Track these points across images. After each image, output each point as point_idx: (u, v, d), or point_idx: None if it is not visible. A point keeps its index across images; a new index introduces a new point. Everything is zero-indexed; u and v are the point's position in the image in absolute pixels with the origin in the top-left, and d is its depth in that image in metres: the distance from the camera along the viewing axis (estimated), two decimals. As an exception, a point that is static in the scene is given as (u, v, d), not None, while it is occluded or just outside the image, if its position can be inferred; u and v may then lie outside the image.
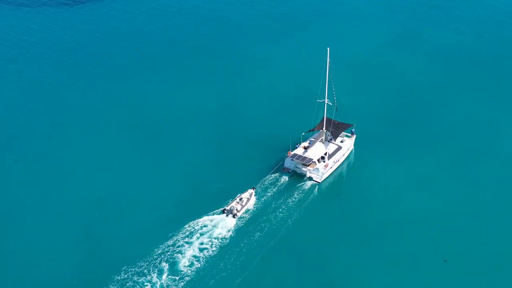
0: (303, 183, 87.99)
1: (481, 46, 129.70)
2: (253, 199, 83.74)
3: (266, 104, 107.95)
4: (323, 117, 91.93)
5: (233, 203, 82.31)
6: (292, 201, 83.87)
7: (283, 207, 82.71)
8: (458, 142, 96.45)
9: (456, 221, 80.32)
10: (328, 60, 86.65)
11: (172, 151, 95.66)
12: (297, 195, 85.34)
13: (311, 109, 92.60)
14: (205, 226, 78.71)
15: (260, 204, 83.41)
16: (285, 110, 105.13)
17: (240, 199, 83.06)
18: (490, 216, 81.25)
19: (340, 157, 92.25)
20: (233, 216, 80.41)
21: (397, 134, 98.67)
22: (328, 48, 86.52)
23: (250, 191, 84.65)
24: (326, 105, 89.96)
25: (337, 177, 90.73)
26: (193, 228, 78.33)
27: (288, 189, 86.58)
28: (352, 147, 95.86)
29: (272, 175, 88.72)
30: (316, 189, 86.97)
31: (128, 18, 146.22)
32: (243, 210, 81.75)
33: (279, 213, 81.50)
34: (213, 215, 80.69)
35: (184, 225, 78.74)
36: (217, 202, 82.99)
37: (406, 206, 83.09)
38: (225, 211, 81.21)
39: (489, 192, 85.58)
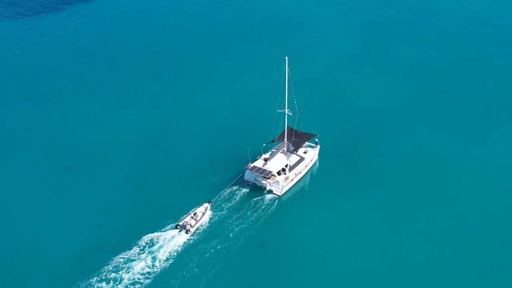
0: (262, 196, 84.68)
1: (445, 66, 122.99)
2: (208, 214, 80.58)
3: (226, 114, 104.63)
4: (286, 127, 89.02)
5: (187, 218, 79.11)
6: (249, 216, 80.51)
7: (239, 222, 79.34)
8: (407, 178, 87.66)
9: (395, 279, 71.17)
10: (287, 69, 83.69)
11: (125, 163, 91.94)
12: (255, 209, 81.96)
13: (275, 120, 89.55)
14: (155, 242, 75.30)
15: (215, 219, 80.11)
16: (246, 120, 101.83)
17: (195, 213, 79.87)
18: (435, 271, 71.77)
19: (303, 168, 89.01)
20: (186, 232, 77.16)
21: (344, 166, 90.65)
22: (286, 57, 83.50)
23: (206, 205, 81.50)
24: (286, 115, 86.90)
25: (296, 193, 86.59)
26: (143, 244, 74.85)
27: (246, 203, 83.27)
28: (316, 157, 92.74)
29: (231, 188, 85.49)
30: (275, 203, 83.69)
31: (58, 40, 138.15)
32: (197, 225, 78.52)
33: (234, 229, 78.03)
34: (165, 230, 77.40)
35: (134, 241, 75.29)
36: (170, 217, 79.65)
37: (339, 258, 73.86)
38: (178, 227, 77.97)
39: (434, 242, 76.20)
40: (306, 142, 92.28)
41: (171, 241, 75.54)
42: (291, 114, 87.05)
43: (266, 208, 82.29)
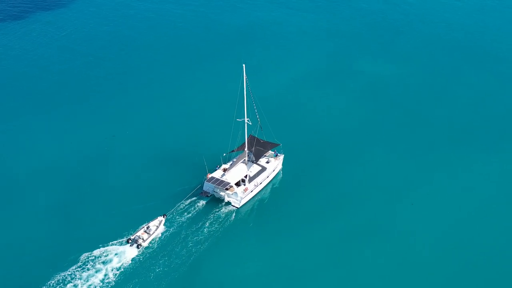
0: (220, 208, 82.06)
1: (413, 84, 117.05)
2: (162, 228, 78.02)
3: (183, 125, 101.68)
4: (249, 136, 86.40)
5: (140, 232, 76.57)
6: (204, 231, 77.75)
7: (194, 236, 76.76)
8: (357, 212, 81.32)
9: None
10: (244, 77, 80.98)
11: (78, 178, 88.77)
12: (211, 223, 79.25)
13: (235, 129, 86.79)
14: (104, 257, 72.62)
15: (170, 232, 77.45)
16: (205, 130, 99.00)
17: (148, 227, 77.31)
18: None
19: (264, 179, 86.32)
20: (137, 247, 74.61)
21: (303, 182, 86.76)
22: (243, 65, 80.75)
23: (160, 218, 78.91)
24: (246, 124, 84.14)
25: (255, 205, 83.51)
26: (89, 259, 72.12)
27: (203, 215, 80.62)
28: (280, 166, 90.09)
29: (188, 200, 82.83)
30: (233, 216, 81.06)
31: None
32: (150, 239, 75.95)
33: (188, 243, 75.41)
34: (115, 245, 74.85)
35: (79, 255, 72.48)
36: (124, 231, 76.94)
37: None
38: (130, 241, 75.44)
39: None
40: (270, 151, 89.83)
41: (119, 256, 72.84)
42: (250, 124, 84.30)
43: (222, 222, 79.50)
